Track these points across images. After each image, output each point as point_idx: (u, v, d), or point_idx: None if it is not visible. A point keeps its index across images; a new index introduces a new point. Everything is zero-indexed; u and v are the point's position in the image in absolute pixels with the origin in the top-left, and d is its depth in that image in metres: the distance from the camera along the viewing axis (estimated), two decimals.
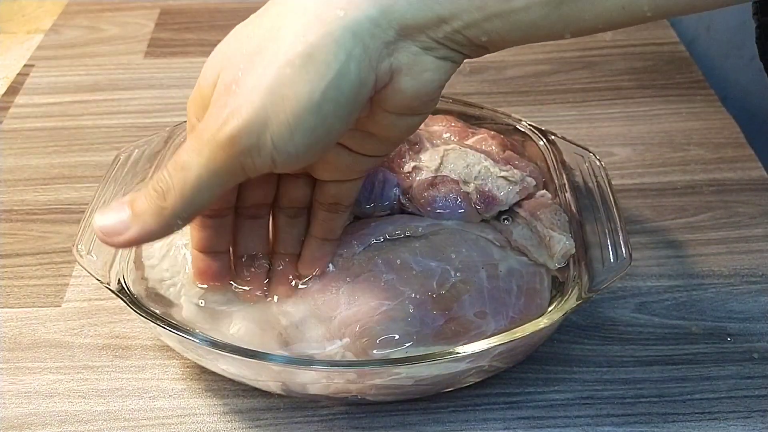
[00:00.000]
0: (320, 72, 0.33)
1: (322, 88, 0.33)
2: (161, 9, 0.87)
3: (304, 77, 0.33)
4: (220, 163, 0.34)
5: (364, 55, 0.33)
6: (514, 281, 0.45)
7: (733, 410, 0.45)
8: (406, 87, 0.35)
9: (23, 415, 0.45)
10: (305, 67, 0.33)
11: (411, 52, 0.34)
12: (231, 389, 0.47)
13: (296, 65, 0.33)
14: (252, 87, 0.33)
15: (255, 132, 0.33)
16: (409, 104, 0.36)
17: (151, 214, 0.35)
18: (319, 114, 0.33)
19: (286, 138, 0.33)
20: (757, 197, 0.60)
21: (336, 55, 0.33)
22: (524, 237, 0.47)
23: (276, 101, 0.33)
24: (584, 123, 0.68)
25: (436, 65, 0.35)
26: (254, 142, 0.33)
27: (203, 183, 0.34)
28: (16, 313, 0.52)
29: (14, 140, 0.67)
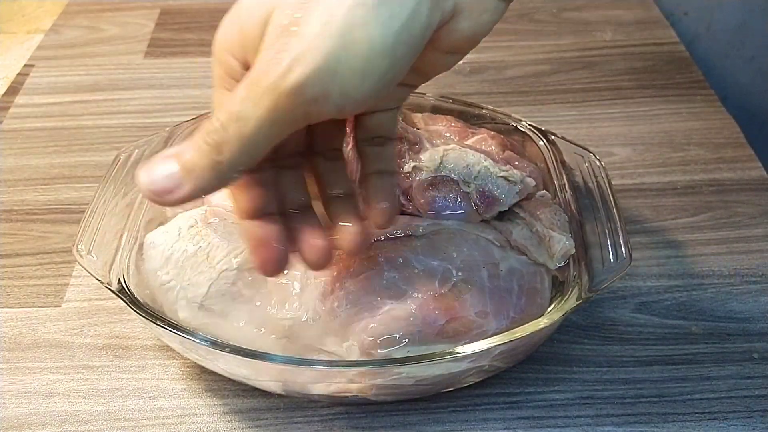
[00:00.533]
0: (394, 12, 0.31)
1: (395, 29, 0.31)
2: (161, 9, 0.87)
3: (377, 18, 0.31)
4: (282, 112, 0.32)
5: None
6: (515, 281, 0.45)
7: (733, 410, 0.45)
8: (463, 27, 0.34)
9: (23, 415, 0.45)
10: (378, 8, 0.31)
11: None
12: (231, 389, 0.47)
13: (369, 5, 0.31)
14: (318, 30, 0.31)
15: (323, 80, 0.31)
16: (461, 45, 0.35)
17: (206, 169, 0.33)
18: (393, 57, 0.32)
19: (356, 84, 0.32)
20: (757, 197, 0.60)
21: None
22: (524, 237, 0.47)
23: (347, 45, 0.31)
24: (584, 123, 0.68)
25: (494, 6, 0.34)
26: (321, 90, 0.31)
27: (262, 133, 0.32)
28: (16, 313, 0.52)
29: (14, 140, 0.67)
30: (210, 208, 0.49)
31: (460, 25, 0.34)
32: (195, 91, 0.74)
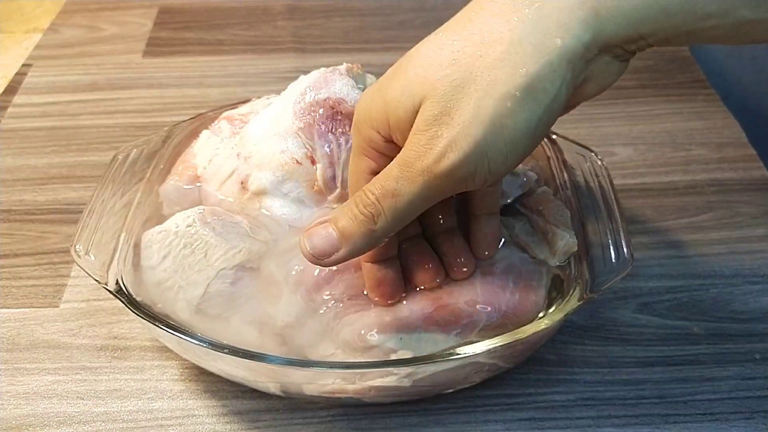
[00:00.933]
0: (539, 101, 0.34)
1: (539, 115, 0.34)
2: (160, 8, 0.87)
3: (523, 108, 0.34)
4: (435, 189, 0.36)
5: (572, 77, 0.34)
6: (510, 277, 0.44)
7: (735, 411, 0.45)
8: (589, 91, 0.36)
9: (22, 416, 0.45)
10: (525, 98, 0.34)
11: (604, 62, 0.35)
12: (230, 390, 0.46)
13: (517, 97, 0.34)
14: (469, 120, 0.34)
15: (474, 162, 0.35)
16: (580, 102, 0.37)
17: (361, 236, 0.38)
18: (534, 137, 0.35)
19: (500, 162, 0.35)
20: (759, 197, 0.60)
21: (553, 82, 0.34)
22: (526, 232, 0.47)
23: (495, 132, 0.34)
24: (586, 122, 0.68)
25: (618, 68, 0.36)
26: (472, 171, 0.35)
27: (414, 206, 0.37)
28: (14, 314, 0.51)
29: (12, 140, 0.67)
30: (207, 207, 0.49)
31: (587, 89, 0.36)
32: (193, 91, 0.73)
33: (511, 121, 0.34)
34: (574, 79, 0.35)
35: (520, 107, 0.34)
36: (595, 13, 0.33)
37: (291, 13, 0.85)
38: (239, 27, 0.84)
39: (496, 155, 0.35)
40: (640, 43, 0.34)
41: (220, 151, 0.51)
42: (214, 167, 0.50)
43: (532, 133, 0.35)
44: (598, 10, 0.33)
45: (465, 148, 0.34)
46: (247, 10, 0.86)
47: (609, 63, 0.35)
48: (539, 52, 0.33)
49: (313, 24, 0.83)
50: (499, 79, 0.34)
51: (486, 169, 0.35)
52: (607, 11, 0.33)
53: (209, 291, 0.44)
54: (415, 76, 0.36)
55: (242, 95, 0.68)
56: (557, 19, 0.34)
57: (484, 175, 0.36)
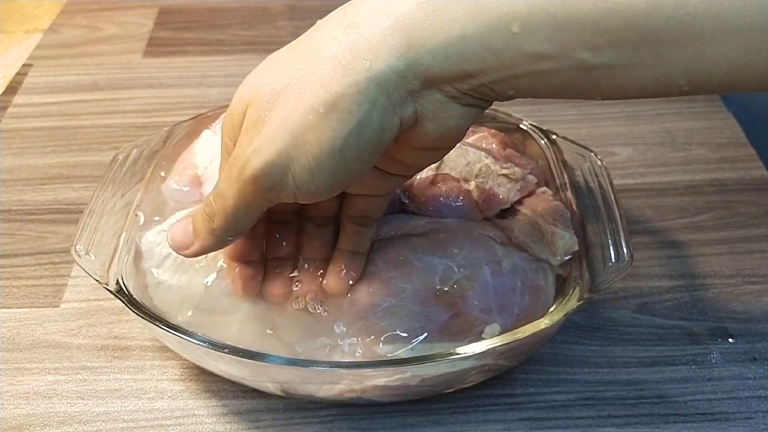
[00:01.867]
0: (343, 120, 0.33)
1: (343, 135, 0.33)
2: (160, 8, 0.87)
3: (326, 124, 0.33)
4: (249, 196, 0.36)
5: (388, 104, 0.33)
6: (518, 278, 0.44)
7: (735, 411, 0.45)
8: (430, 131, 0.35)
9: (22, 415, 0.45)
10: (328, 115, 0.33)
11: (436, 100, 0.34)
12: (230, 390, 0.46)
13: (320, 113, 0.33)
14: (276, 129, 0.34)
15: (277, 172, 0.35)
16: (433, 144, 0.37)
17: (206, 233, 0.39)
18: (341, 159, 0.34)
19: (306, 179, 0.35)
20: (759, 197, 0.60)
21: (360, 104, 0.33)
22: (526, 233, 0.47)
23: (298, 145, 0.34)
24: (585, 122, 0.68)
25: (461, 112, 0.35)
26: (276, 181, 0.35)
27: (239, 210, 0.37)
28: (14, 314, 0.51)
29: (13, 140, 0.67)
30: None
31: (426, 128, 0.35)
32: (194, 91, 0.73)
33: (314, 137, 0.34)
34: (395, 108, 0.34)
35: (323, 123, 0.33)
36: (407, 41, 0.33)
37: (291, 13, 0.85)
38: (239, 27, 0.84)
39: (301, 170, 0.34)
40: (471, 82, 0.33)
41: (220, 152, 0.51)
42: (215, 167, 0.50)
43: (338, 153, 0.34)
44: (410, 37, 0.33)
45: (267, 155, 0.34)
46: (248, 10, 0.86)
47: (444, 102, 0.34)
48: (346, 72, 0.33)
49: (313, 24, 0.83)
50: (307, 93, 0.34)
51: (292, 182, 0.35)
52: (419, 40, 0.33)
53: (209, 290, 0.44)
54: (249, 83, 0.37)
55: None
56: (368, 42, 0.33)
57: (292, 190, 0.35)
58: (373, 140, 0.34)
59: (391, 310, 0.42)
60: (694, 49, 0.30)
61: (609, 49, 0.31)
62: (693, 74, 0.31)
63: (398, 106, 0.34)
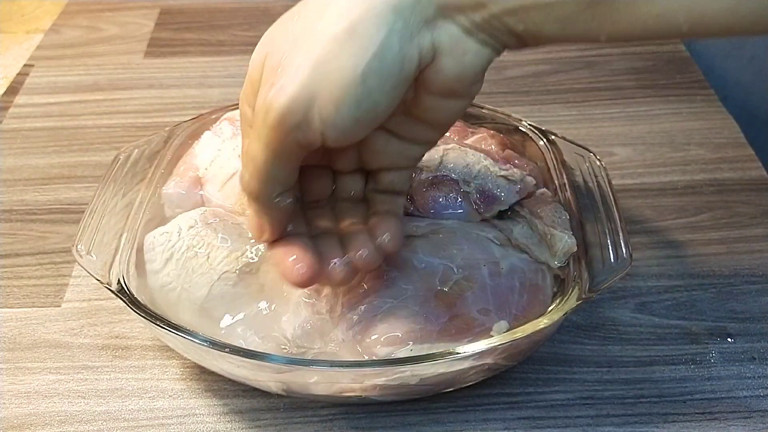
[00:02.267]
0: (363, 45, 0.34)
1: (366, 60, 0.33)
2: (161, 9, 0.87)
3: (347, 51, 0.34)
4: (276, 143, 0.35)
5: (405, 30, 0.34)
6: (517, 279, 0.45)
7: (734, 410, 0.45)
8: (447, 67, 0.36)
9: (23, 415, 0.45)
10: (348, 42, 0.34)
11: (451, 33, 0.35)
12: (231, 389, 0.47)
13: (340, 40, 0.34)
14: (297, 64, 0.34)
15: (301, 107, 0.34)
16: (451, 86, 0.37)
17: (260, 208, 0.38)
18: (364, 86, 0.34)
19: (332, 112, 0.34)
20: (758, 197, 0.60)
21: (378, 28, 0.34)
22: (525, 235, 0.47)
23: (321, 76, 0.34)
24: (584, 123, 0.68)
25: (476, 49, 0.36)
26: (302, 117, 0.34)
27: (271, 164, 0.36)
28: (15, 314, 0.52)
29: (14, 140, 0.67)
30: (209, 208, 0.49)
31: (444, 65, 0.36)
32: (195, 91, 0.74)
33: (335, 65, 0.34)
34: (412, 35, 0.34)
35: (343, 51, 0.34)
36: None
37: None
38: (240, 28, 0.84)
39: (326, 102, 0.34)
40: (483, 13, 0.34)
41: (221, 152, 0.51)
42: (216, 168, 0.51)
43: (360, 80, 0.34)
44: None
45: (290, 91, 0.34)
46: (248, 11, 0.86)
47: (460, 36, 0.35)
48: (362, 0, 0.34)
49: None
50: (326, 25, 0.34)
51: (317, 118, 0.34)
52: None
53: (212, 293, 0.44)
54: (264, 39, 0.37)
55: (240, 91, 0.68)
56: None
57: (319, 126, 0.35)
58: (395, 68, 0.34)
59: (392, 312, 0.43)
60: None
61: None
62: (693, 12, 0.32)
63: (415, 33, 0.34)
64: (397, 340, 0.42)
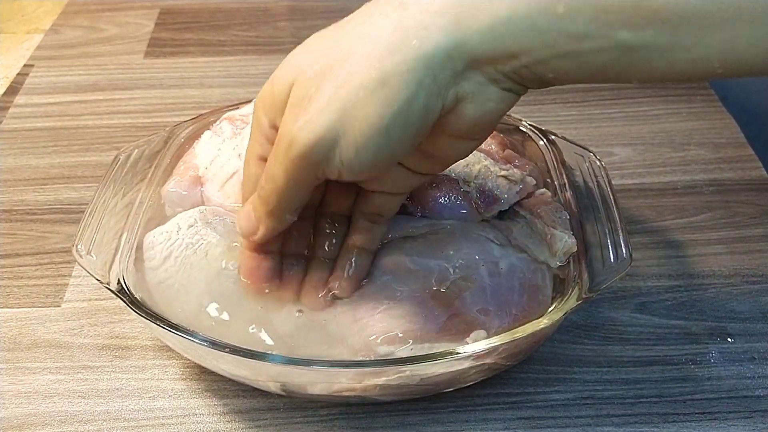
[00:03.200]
0: (391, 98, 0.34)
1: (391, 113, 0.34)
2: (161, 9, 0.87)
3: (375, 101, 0.34)
4: (297, 173, 0.37)
5: (434, 85, 0.34)
6: (516, 278, 0.45)
7: (734, 410, 0.45)
8: (469, 114, 0.36)
9: (23, 415, 0.45)
10: (377, 92, 0.34)
11: (477, 82, 0.35)
12: (231, 389, 0.47)
13: (369, 89, 0.34)
14: (324, 105, 0.35)
15: (325, 147, 0.35)
16: (469, 130, 0.37)
17: (266, 217, 0.40)
18: (387, 137, 0.35)
19: (352, 155, 0.35)
20: (758, 197, 0.60)
21: (408, 83, 0.34)
22: (524, 235, 0.47)
23: (346, 121, 0.34)
24: (584, 123, 0.68)
25: (499, 96, 0.36)
26: (324, 156, 0.36)
27: (290, 189, 0.38)
28: (15, 314, 0.52)
29: (14, 140, 0.67)
30: (209, 207, 0.49)
31: (465, 111, 0.36)
32: (195, 91, 0.74)
33: (362, 113, 0.34)
34: (439, 89, 0.34)
35: (371, 101, 0.34)
36: (456, 21, 0.33)
37: (291, 14, 0.85)
38: (240, 28, 0.84)
39: (348, 146, 0.35)
40: (514, 63, 0.34)
41: (221, 152, 0.51)
42: (216, 168, 0.51)
43: (384, 131, 0.34)
44: (459, 17, 0.33)
45: (316, 130, 0.35)
46: (248, 11, 0.86)
47: (485, 85, 0.35)
48: (396, 51, 0.34)
49: (314, 24, 0.83)
50: (356, 71, 0.34)
51: (338, 158, 0.35)
52: (468, 20, 0.33)
53: (211, 290, 0.44)
54: (294, 61, 0.37)
55: (243, 96, 0.68)
56: (418, 22, 0.34)
57: (338, 166, 0.36)
58: (418, 120, 0.35)
59: (389, 312, 0.43)
60: (730, 31, 0.31)
61: (648, 29, 0.32)
62: (728, 57, 0.32)
63: (443, 87, 0.34)
64: (396, 339, 0.42)
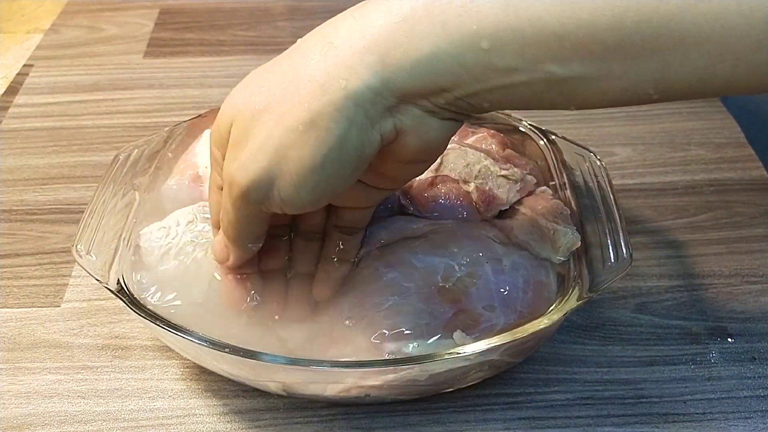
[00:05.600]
0: (322, 137, 0.34)
1: (323, 151, 0.34)
2: (161, 8, 0.87)
3: (306, 142, 0.34)
4: (243, 209, 0.38)
5: (366, 121, 0.34)
6: (520, 275, 0.45)
7: (734, 410, 0.45)
8: (411, 144, 0.36)
9: (23, 415, 0.45)
10: (308, 133, 0.34)
11: (414, 115, 0.35)
12: (230, 390, 0.46)
13: (299, 131, 0.35)
14: (258, 147, 0.35)
15: (263, 188, 0.36)
16: (415, 157, 0.37)
17: (232, 245, 0.41)
18: (322, 173, 0.35)
19: (291, 193, 0.36)
20: (758, 197, 0.60)
21: (337, 122, 0.34)
22: (525, 233, 0.47)
23: (280, 161, 0.35)
24: (585, 123, 0.68)
25: (439, 125, 0.36)
26: (263, 195, 0.36)
27: (242, 222, 0.39)
28: (15, 314, 0.51)
29: (13, 140, 0.67)
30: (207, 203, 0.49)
31: (407, 142, 0.36)
32: (194, 91, 0.74)
33: (295, 153, 0.35)
34: (373, 124, 0.35)
35: (303, 141, 0.34)
36: (382, 60, 0.34)
37: (292, 14, 0.85)
38: (240, 27, 0.84)
39: (285, 185, 0.35)
40: (446, 96, 0.34)
41: None
42: None
43: (319, 169, 0.35)
44: (384, 56, 0.34)
45: (251, 173, 0.36)
46: (248, 11, 0.86)
47: (423, 117, 0.35)
48: (324, 91, 0.34)
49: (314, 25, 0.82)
50: (287, 112, 0.35)
51: (278, 196, 0.36)
52: (394, 59, 0.34)
53: (211, 288, 0.44)
54: (232, 101, 0.37)
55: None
56: (344, 62, 0.34)
57: (278, 203, 0.36)
58: (354, 156, 0.35)
59: (396, 308, 0.43)
60: (660, 60, 0.31)
61: (575, 61, 0.32)
62: (661, 83, 0.32)
63: (376, 122, 0.35)
64: (402, 337, 0.41)
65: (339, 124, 0.34)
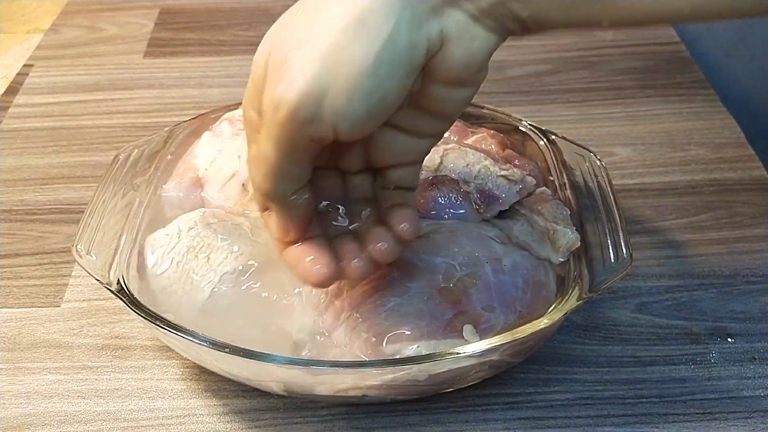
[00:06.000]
0: (373, 35, 0.33)
1: (376, 50, 0.33)
2: (161, 8, 0.87)
3: (357, 42, 0.33)
4: (289, 139, 0.35)
5: (414, 18, 0.34)
6: (520, 275, 0.45)
7: (734, 410, 0.45)
8: (455, 55, 0.36)
9: (23, 415, 0.45)
10: (358, 32, 0.33)
11: (459, 20, 0.35)
12: (231, 390, 0.46)
13: (349, 31, 0.33)
14: (305, 58, 0.34)
15: (313, 101, 0.34)
16: (458, 74, 0.37)
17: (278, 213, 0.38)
18: (376, 76, 0.34)
19: (344, 104, 0.34)
20: (758, 197, 0.60)
21: (387, 17, 0.33)
22: (525, 233, 0.47)
23: (330, 68, 0.33)
24: (585, 123, 0.68)
25: (483, 35, 0.36)
26: (314, 111, 0.34)
27: (283, 161, 0.36)
28: (15, 314, 0.52)
29: (13, 140, 0.67)
30: (209, 209, 0.49)
31: (452, 52, 0.35)
32: (194, 91, 0.73)
33: (346, 56, 0.33)
34: (421, 23, 0.34)
35: (353, 41, 0.33)
36: None
37: None
38: (240, 28, 0.84)
39: (338, 94, 0.33)
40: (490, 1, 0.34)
41: (221, 153, 0.51)
42: (216, 169, 0.51)
43: (372, 70, 0.33)
44: None
45: (301, 85, 0.33)
46: (248, 11, 0.86)
47: (467, 23, 0.35)
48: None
49: None
50: (333, 16, 0.34)
51: (329, 110, 0.34)
52: None
53: (213, 295, 0.44)
54: (265, 39, 0.36)
55: (243, 96, 0.68)
56: None
57: (331, 119, 0.34)
58: (405, 56, 0.34)
59: (397, 309, 0.43)
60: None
61: None
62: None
63: (423, 21, 0.34)
64: (403, 338, 0.42)
65: (389, 20, 0.33)
